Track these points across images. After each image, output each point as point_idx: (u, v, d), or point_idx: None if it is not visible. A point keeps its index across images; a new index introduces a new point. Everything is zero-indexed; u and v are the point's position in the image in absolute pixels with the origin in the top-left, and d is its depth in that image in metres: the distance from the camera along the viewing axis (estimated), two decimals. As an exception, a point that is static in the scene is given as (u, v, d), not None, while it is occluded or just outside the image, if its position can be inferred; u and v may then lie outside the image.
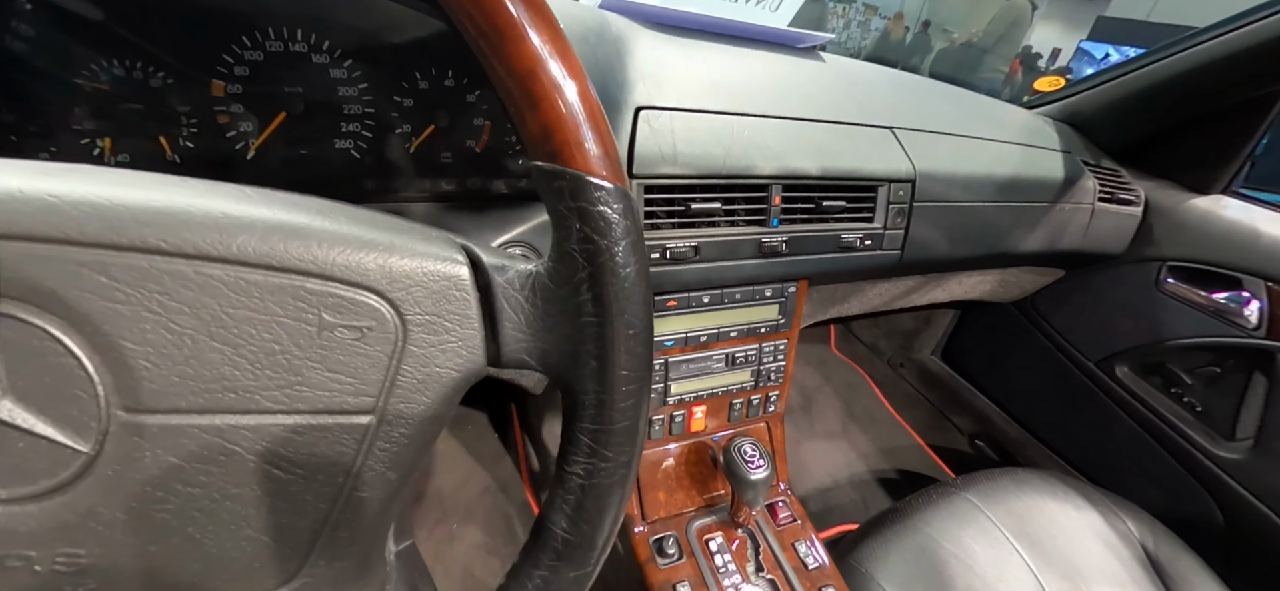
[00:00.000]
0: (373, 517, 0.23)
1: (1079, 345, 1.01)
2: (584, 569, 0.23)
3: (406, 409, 0.22)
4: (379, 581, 0.26)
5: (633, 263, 0.22)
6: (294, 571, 0.22)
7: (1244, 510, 0.85)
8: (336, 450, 0.22)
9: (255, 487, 0.21)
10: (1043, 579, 0.73)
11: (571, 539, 0.23)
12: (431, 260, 0.22)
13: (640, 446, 0.24)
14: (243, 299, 0.20)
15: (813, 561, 0.62)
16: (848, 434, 1.16)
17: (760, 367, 0.66)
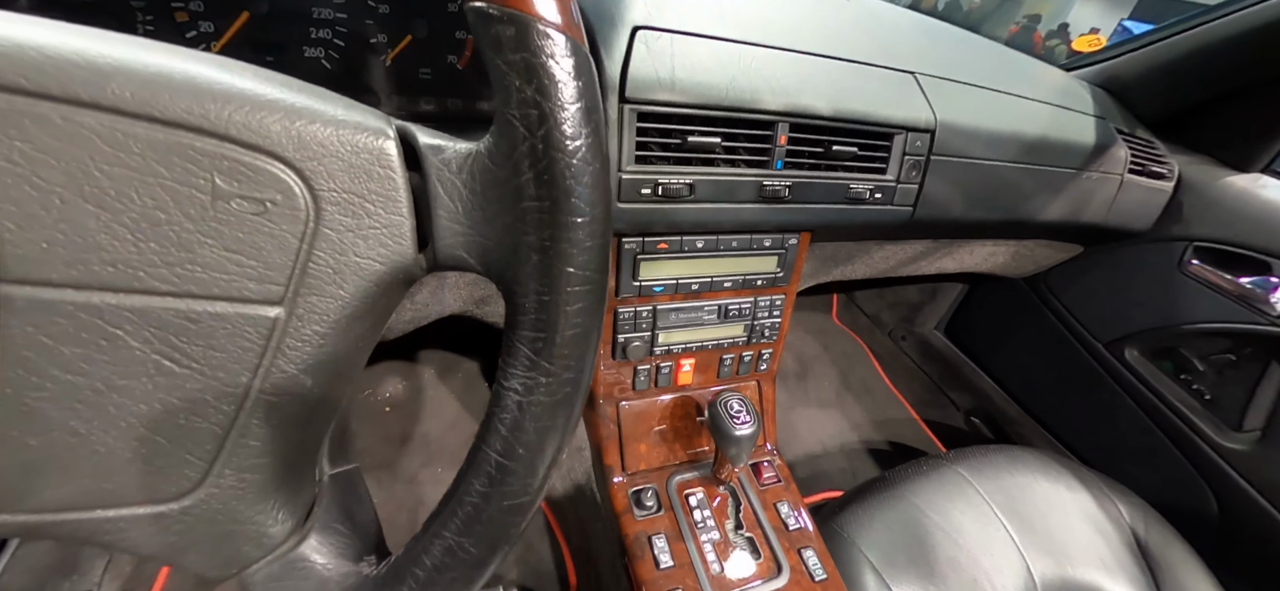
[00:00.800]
0: (289, 427, 0.21)
1: (1089, 325, 0.97)
2: (520, 499, 0.20)
3: (321, 304, 0.19)
4: (304, 501, 0.23)
5: (584, 134, 0.18)
6: (197, 480, 0.20)
7: (1242, 502, 0.83)
8: (239, 345, 0.19)
9: (145, 381, 0.18)
10: (1028, 556, 0.72)
11: (506, 464, 0.20)
12: (351, 130, 0.18)
13: (591, 364, 0.21)
14: (120, 154, 0.16)
15: (794, 522, 0.60)
16: (841, 403, 1.14)
17: (754, 323, 0.63)
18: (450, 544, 0.21)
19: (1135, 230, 0.88)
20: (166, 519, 0.20)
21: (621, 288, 0.55)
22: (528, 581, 0.82)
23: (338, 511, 0.24)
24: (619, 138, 0.45)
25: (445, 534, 0.21)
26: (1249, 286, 0.80)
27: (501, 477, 0.20)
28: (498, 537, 0.21)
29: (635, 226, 0.50)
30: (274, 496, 0.22)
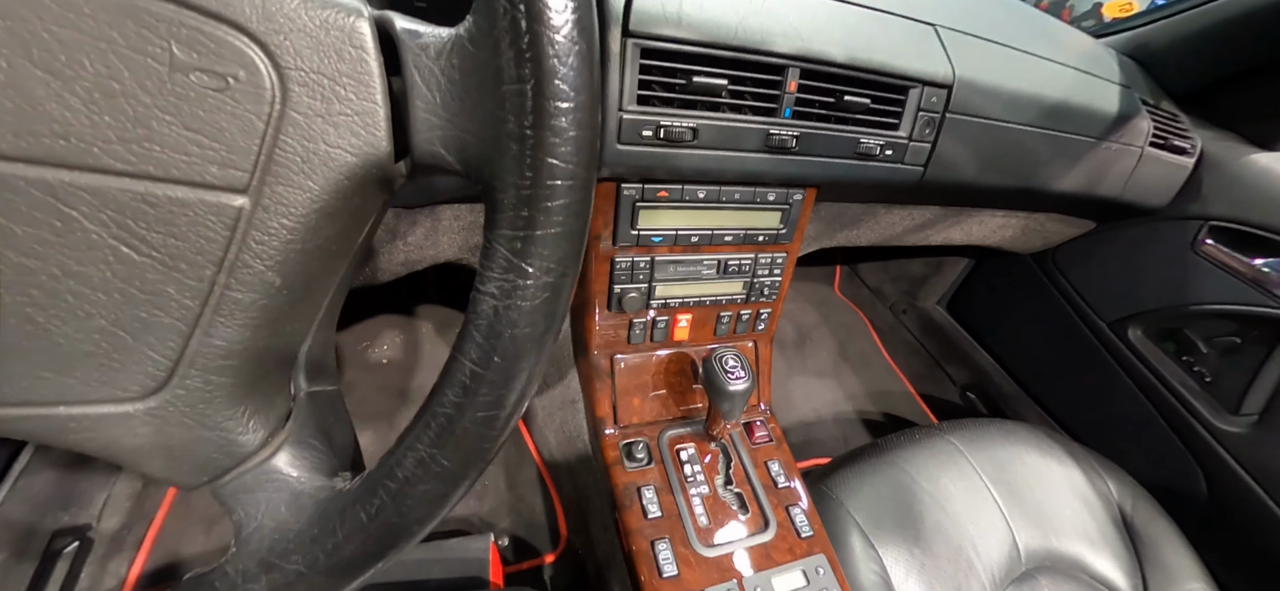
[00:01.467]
0: (259, 331, 0.20)
1: (1095, 304, 0.96)
2: (494, 412, 0.20)
3: (289, 195, 0.18)
4: (277, 414, 0.23)
5: (571, 7, 0.17)
6: (162, 380, 0.19)
7: (1232, 484, 0.83)
8: (203, 235, 0.18)
9: (104, 269, 0.17)
10: (1015, 526, 0.73)
11: (480, 373, 0.19)
12: (320, 4, 0.17)
13: (573, 271, 0.20)
14: (71, 16, 0.15)
15: (784, 481, 0.60)
16: (838, 374, 1.14)
17: (754, 280, 0.62)
18: (423, 455, 0.20)
19: (1150, 207, 0.86)
20: (133, 420, 0.19)
21: (619, 236, 0.53)
22: (520, 532, 0.83)
23: (314, 428, 0.24)
24: (620, 75, 0.43)
25: (418, 446, 0.20)
26: (1262, 268, 0.78)
27: (476, 388, 0.19)
28: (472, 452, 0.20)
29: (635, 171, 0.48)
30: (244, 403, 0.21)
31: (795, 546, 0.56)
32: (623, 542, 0.55)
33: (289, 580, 0.21)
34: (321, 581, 0.21)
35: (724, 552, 0.53)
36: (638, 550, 0.52)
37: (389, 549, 0.22)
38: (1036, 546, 0.72)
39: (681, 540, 0.53)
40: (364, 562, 0.22)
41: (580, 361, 0.65)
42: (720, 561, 0.53)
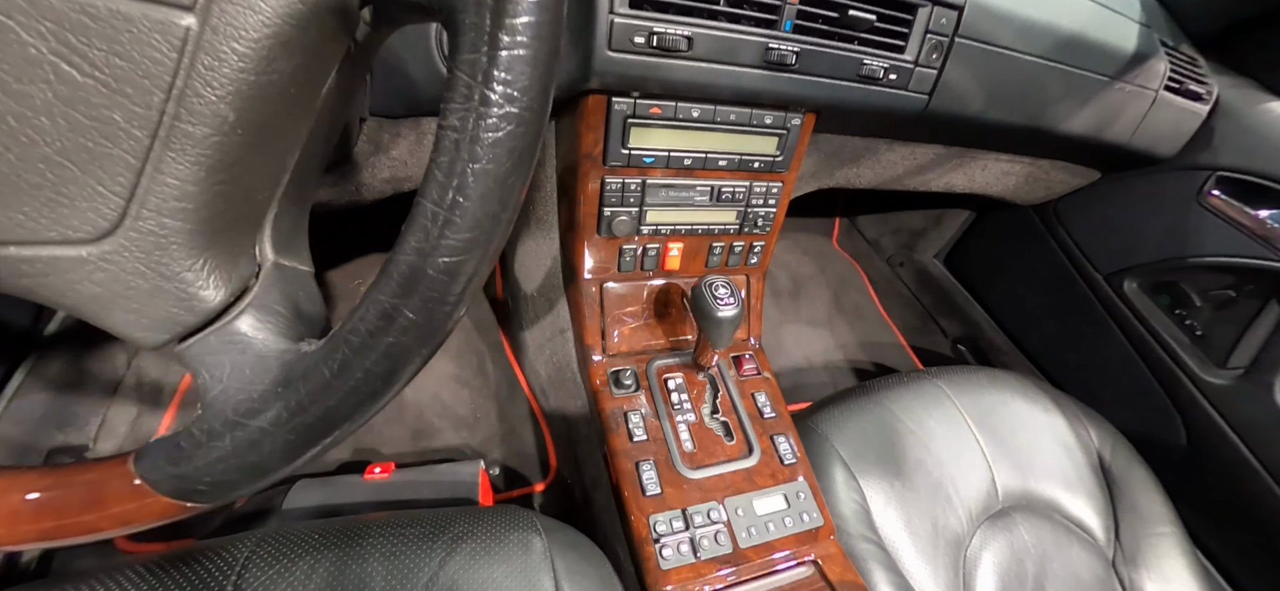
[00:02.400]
0: (215, 173, 0.19)
1: (1093, 256, 0.95)
2: (459, 257, 0.19)
3: (239, 17, 0.17)
4: (240, 273, 0.22)
5: None
6: (114, 220, 0.18)
7: (1212, 435, 0.84)
8: (149, 56, 0.16)
9: (45, 89, 0.16)
10: (995, 467, 0.74)
11: (440, 212, 0.18)
12: None
13: (542, 104, 0.18)
14: None
15: (769, 412, 0.61)
16: (831, 324, 1.14)
17: (748, 210, 0.60)
18: (386, 306, 0.19)
19: (1159, 156, 0.84)
20: (87, 265, 0.19)
21: (609, 154, 0.52)
22: (511, 463, 0.85)
23: (280, 296, 0.23)
24: None
25: (381, 297, 0.19)
26: (1266, 220, 0.77)
27: (438, 231, 0.18)
28: (437, 302, 0.19)
29: (625, 82, 0.46)
30: (203, 256, 0.20)
31: (778, 472, 0.57)
32: (608, 464, 0.56)
33: (253, 437, 0.21)
34: (286, 438, 0.21)
35: (707, 476, 0.54)
36: (622, 470, 0.53)
37: (354, 409, 0.21)
38: (1014, 487, 0.74)
39: (665, 462, 0.54)
40: (328, 422, 0.21)
41: (570, 289, 0.64)
42: (703, 483, 0.54)
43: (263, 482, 0.22)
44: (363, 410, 0.22)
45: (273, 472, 0.22)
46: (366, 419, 0.22)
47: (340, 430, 0.22)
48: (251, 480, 0.22)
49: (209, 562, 0.40)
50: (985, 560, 0.68)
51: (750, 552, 0.51)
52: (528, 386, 0.89)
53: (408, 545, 0.43)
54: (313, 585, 0.40)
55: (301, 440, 0.21)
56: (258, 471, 0.22)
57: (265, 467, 0.22)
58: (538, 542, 0.44)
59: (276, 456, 0.21)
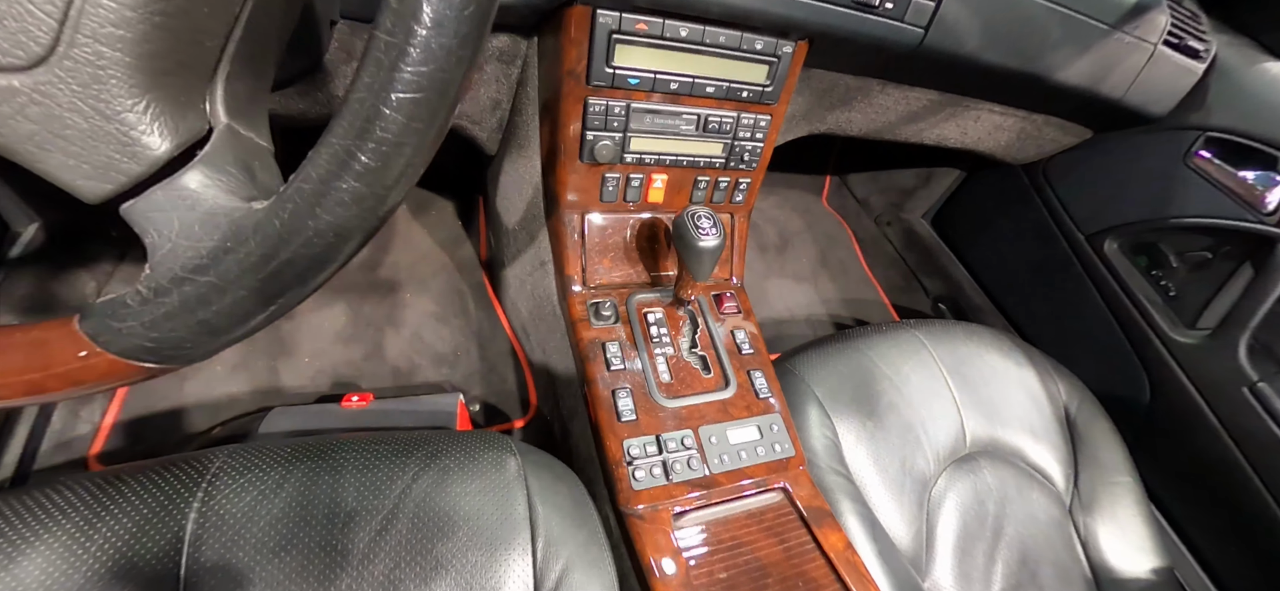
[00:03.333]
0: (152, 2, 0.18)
1: (1077, 216, 0.95)
2: (416, 94, 0.18)
3: None
4: (187, 127, 0.21)
5: None
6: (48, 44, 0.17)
7: (1175, 393, 0.87)
8: None
9: None
10: (965, 414, 0.76)
11: (395, 42, 0.17)
12: None
13: None
14: None
15: (748, 348, 0.62)
16: (816, 279, 1.15)
17: (735, 143, 0.59)
18: (339, 150, 0.18)
19: (1151, 114, 0.83)
20: (19, 96, 0.18)
21: (593, 73, 0.50)
22: (491, 400, 0.86)
23: (233, 159, 0.22)
24: None
25: (333, 141, 0.18)
26: (1249, 181, 0.77)
27: (392, 62, 0.17)
28: (393, 146, 0.18)
29: None
30: (145, 97, 0.19)
31: (753, 405, 0.57)
32: (585, 396, 0.56)
33: (201, 294, 0.20)
34: (236, 296, 0.20)
35: (683, 405, 0.55)
36: (598, 397, 0.54)
37: (307, 267, 0.21)
38: (982, 434, 0.76)
39: (642, 391, 0.55)
40: (279, 280, 0.21)
41: (551, 219, 0.63)
42: (678, 412, 0.54)
43: (214, 344, 0.22)
44: (316, 269, 0.21)
45: (223, 334, 0.21)
46: (320, 281, 0.22)
47: (292, 290, 0.21)
48: (201, 339, 0.21)
49: (181, 471, 0.40)
50: (949, 499, 0.71)
51: (721, 478, 0.52)
52: (509, 326, 0.89)
53: (381, 460, 0.43)
54: (283, 495, 0.40)
55: (253, 298, 0.21)
56: (207, 330, 0.21)
57: (215, 326, 0.21)
58: (512, 463, 0.45)
59: (226, 315, 0.21)
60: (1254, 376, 0.78)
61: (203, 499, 0.39)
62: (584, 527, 0.44)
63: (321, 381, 0.81)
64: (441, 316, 0.91)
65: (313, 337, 0.83)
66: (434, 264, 0.97)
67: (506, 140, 0.67)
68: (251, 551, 0.38)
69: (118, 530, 0.37)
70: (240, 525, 0.39)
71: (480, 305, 0.93)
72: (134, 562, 0.36)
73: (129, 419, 0.74)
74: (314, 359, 0.82)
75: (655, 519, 0.48)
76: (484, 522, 0.42)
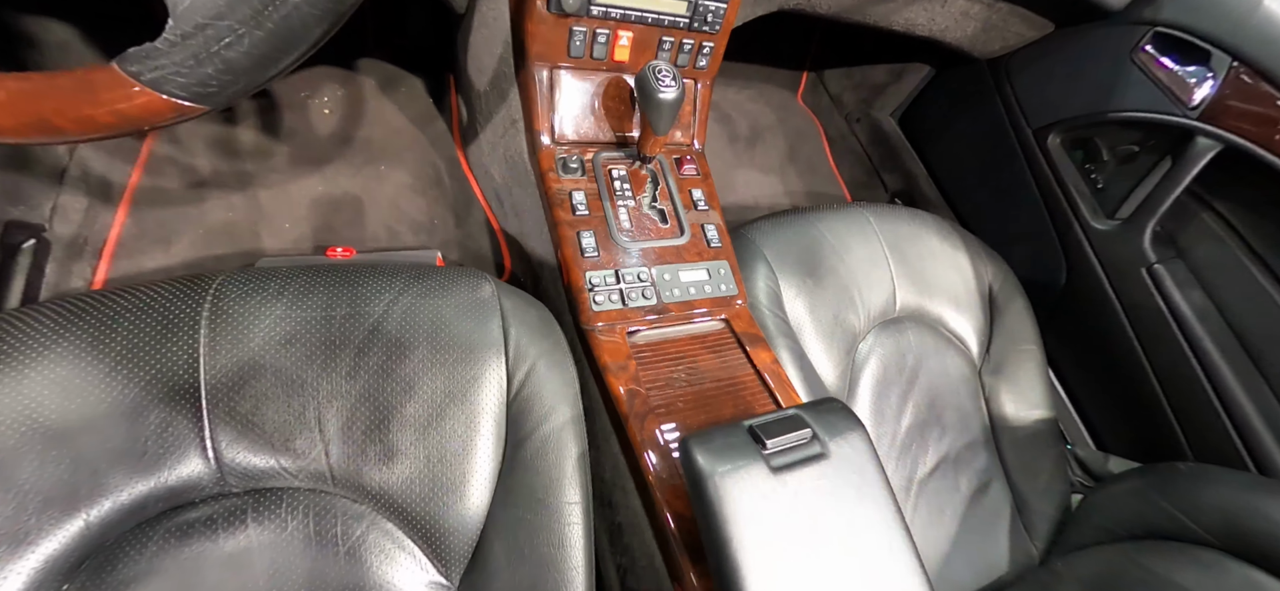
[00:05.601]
0: None
1: (1028, 111, 1.01)
2: None
3: None
4: None
5: None
6: None
7: (1087, 276, 0.97)
8: None
9: None
10: (898, 283, 0.85)
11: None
12: None
13: None
14: None
15: (703, 205, 0.68)
16: (782, 172, 1.20)
17: (699, 3, 0.62)
18: None
19: (1109, 6, 0.86)
20: None
21: (557, -87, 0.51)
22: (466, 264, 0.92)
23: None
24: None
25: None
26: (1180, 75, 0.83)
27: None
28: None
29: None
30: None
31: (703, 251, 0.65)
32: (552, 235, 0.62)
33: (222, 35, 0.25)
34: (252, 38, 0.25)
35: (640, 246, 0.62)
36: (564, 236, 0.60)
37: (313, 19, 0.25)
38: (911, 301, 0.86)
39: (604, 233, 0.61)
40: (288, 25, 0.25)
41: (521, 75, 0.66)
42: (636, 253, 0.61)
43: (238, 86, 0.27)
44: (319, 19, 0.25)
45: (245, 75, 0.26)
46: (323, 31, 0.26)
47: (300, 37, 0.26)
48: (226, 80, 0.26)
49: (184, 286, 0.44)
50: (875, 352, 0.82)
51: (671, 307, 0.60)
52: (483, 197, 0.94)
53: (368, 278, 0.48)
54: (283, 300, 0.45)
55: (269, 41, 0.25)
56: (231, 69, 0.26)
57: (237, 66, 0.26)
58: (488, 287, 0.51)
59: (247, 55, 0.26)
60: (1152, 259, 0.88)
61: (211, 306, 0.42)
62: (549, 338, 0.51)
63: (304, 245, 0.85)
64: (417, 187, 0.94)
65: (291, 206, 0.86)
66: (407, 138, 0.98)
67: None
68: (260, 345, 0.42)
69: (133, 337, 0.39)
70: (248, 322, 0.43)
71: (454, 179, 0.96)
72: (155, 371, 0.39)
73: (119, 275, 0.78)
74: (294, 226, 0.85)
75: (611, 334, 0.57)
76: (462, 330, 0.47)
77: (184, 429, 0.39)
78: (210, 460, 0.40)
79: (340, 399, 0.43)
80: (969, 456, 0.87)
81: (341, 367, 0.44)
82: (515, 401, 0.47)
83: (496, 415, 0.46)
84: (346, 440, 0.43)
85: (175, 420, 0.39)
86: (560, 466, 0.45)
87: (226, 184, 0.82)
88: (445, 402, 0.45)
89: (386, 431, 0.44)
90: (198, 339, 0.41)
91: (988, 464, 0.88)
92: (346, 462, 0.43)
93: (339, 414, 0.43)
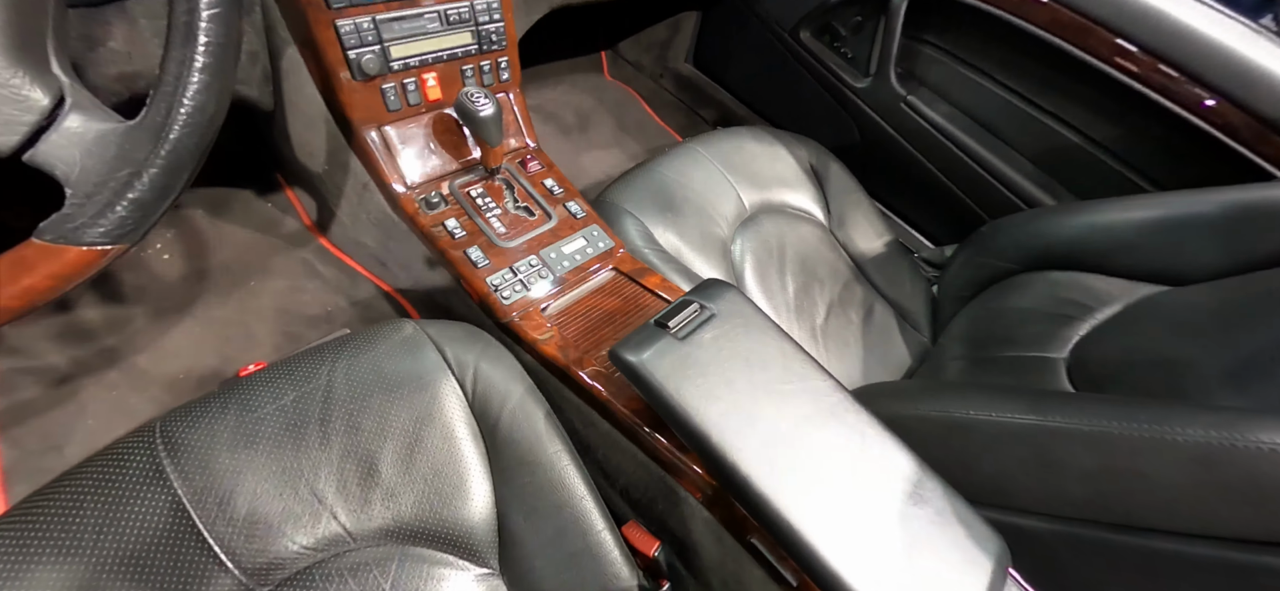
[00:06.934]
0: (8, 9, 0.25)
1: (779, 18, 1.24)
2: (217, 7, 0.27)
3: None
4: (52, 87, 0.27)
5: None
6: None
7: (869, 126, 1.22)
8: None
9: None
10: (739, 190, 1.01)
11: None
12: None
13: None
14: None
15: (558, 189, 0.77)
16: (620, 142, 1.34)
17: (479, 29, 0.70)
18: (180, 57, 0.27)
19: None
20: None
21: (331, -2, 0.57)
22: None
23: (87, 101, 0.29)
24: None
25: (173, 52, 0.27)
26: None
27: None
28: (220, 38, 0.28)
29: None
30: (18, 67, 0.26)
31: (574, 225, 0.74)
32: (445, 265, 0.67)
33: (124, 181, 0.28)
34: (150, 176, 0.29)
35: (521, 241, 0.69)
36: (455, 260, 0.66)
37: (196, 144, 0.29)
38: (756, 199, 1.03)
39: (487, 243, 0.68)
40: (176, 156, 0.29)
41: (353, 143, 0.70)
42: (520, 246, 0.69)
43: (150, 218, 0.30)
44: (199, 139, 0.30)
45: (154, 206, 0.30)
46: (207, 144, 0.30)
47: (190, 159, 0.30)
48: (138, 215, 0.29)
49: (124, 445, 0.42)
50: (745, 249, 0.96)
51: (567, 276, 0.68)
52: (363, 268, 0.94)
53: (298, 363, 0.49)
54: (229, 412, 0.45)
55: (164, 174, 0.29)
56: (140, 206, 0.29)
57: (145, 202, 0.29)
58: (409, 326, 0.54)
59: (149, 190, 0.29)
60: (903, 94, 1.14)
61: (165, 447, 0.41)
62: (480, 340, 0.56)
63: (210, 385, 0.80)
64: (296, 287, 0.91)
65: (177, 356, 0.81)
66: (263, 248, 0.95)
67: (278, 90, 0.70)
68: (229, 456, 0.42)
69: (106, 506, 0.38)
70: (207, 445, 0.43)
71: (327, 263, 0.94)
72: (143, 522, 0.38)
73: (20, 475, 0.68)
74: (188, 373, 0.80)
75: (528, 317, 0.63)
76: (404, 368, 0.51)
77: (195, 557, 0.39)
78: (233, 571, 0.40)
79: (325, 466, 0.45)
80: (849, 295, 1.05)
81: (312, 441, 0.46)
82: (475, 400, 0.52)
83: (465, 418, 0.51)
84: (347, 498, 0.45)
85: (182, 553, 0.39)
86: (534, 429, 0.51)
87: (94, 367, 0.76)
88: (418, 429, 0.49)
89: (378, 475, 0.46)
90: (168, 477, 0.41)
91: (865, 294, 1.07)
92: (356, 517, 0.45)
93: (330, 479, 0.45)
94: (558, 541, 0.48)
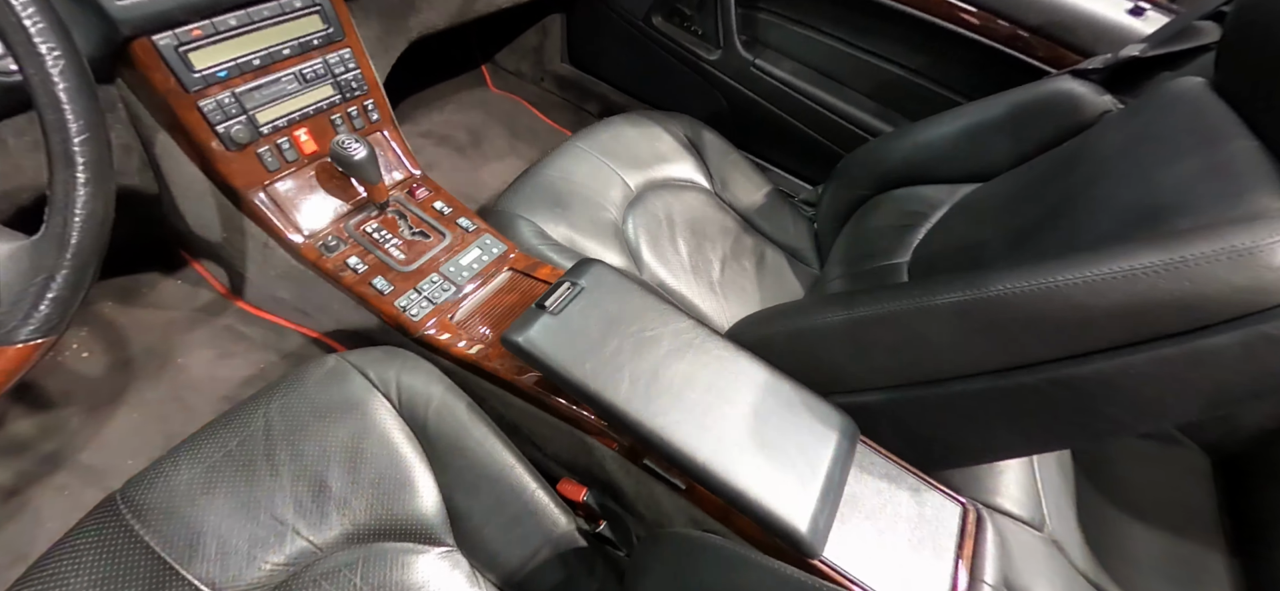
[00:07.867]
0: None
1: (631, 8, 1.35)
2: (88, 133, 0.34)
3: None
4: None
5: None
6: None
7: (730, 93, 1.35)
8: None
9: None
10: (624, 175, 1.10)
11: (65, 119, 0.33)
12: None
13: None
14: None
15: (447, 210, 0.85)
16: (515, 150, 1.41)
17: (336, 80, 0.76)
18: (65, 178, 0.33)
19: None
20: None
21: (187, 84, 0.61)
22: None
23: None
24: None
25: (58, 175, 0.33)
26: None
27: (63, 123, 0.33)
28: (96, 162, 0.34)
29: (151, 21, 0.56)
30: None
31: (466, 238, 0.82)
32: (355, 299, 0.74)
33: (40, 286, 0.34)
34: (63, 276, 0.34)
35: (421, 263, 0.77)
36: (363, 294, 0.72)
37: (97, 238, 0.35)
38: (640, 179, 1.13)
39: (388, 271, 0.75)
40: (82, 254, 0.35)
41: (243, 208, 0.74)
42: (420, 268, 0.76)
43: (70, 310, 0.36)
44: (101, 234, 0.36)
45: (71, 299, 0.36)
46: (107, 234, 0.36)
47: (94, 253, 0.36)
48: (59, 310, 0.35)
49: (97, 519, 0.46)
50: (637, 227, 1.06)
51: (467, 284, 0.77)
52: (287, 321, 0.97)
53: (236, 413, 0.55)
54: (182, 465, 0.49)
55: (75, 273, 0.35)
56: (60, 303, 0.35)
57: (64, 298, 0.35)
58: (331, 358, 0.60)
59: (66, 287, 0.35)
60: (751, 58, 1.28)
61: (131, 513, 0.45)
62: (397, 356, 0.62)
63: (155, 443, 0.82)
64: (224, 354, 0.93)
65: (119, 446, 0.82)
66: (183, 323, 0.96)
67: (158, 173, 0.73)
68: (189, 507, 0.46)
69: (92, 581, 0.40)
70: (168, 502, 0.47)
71: (251, 324, 0.97)
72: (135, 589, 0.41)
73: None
74: (135, 456, 0.81)
75: (440, 327, 0.71)
76: (333, 395, 0.56)
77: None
78: None
79: (279, 493, 0.51)
80: (740, 247, 1.18)
81: (263, 474, 0.52)
82: (403, 408, 0.59)
83: (398, 425, 0.58)
84: (306, 515, 0.51)
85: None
86: (458, 420, 0.59)
87: (40, 474, 0.77)
88: (357, 443, 0.55)
89: (329, 490, 0.53)
90: (139, 536, 0.45)
91: (755, 243, 1.20)
92: (318, 530, 0.51)
93: (286, 503, 0.51)
94: (499, 508, 0.56)
